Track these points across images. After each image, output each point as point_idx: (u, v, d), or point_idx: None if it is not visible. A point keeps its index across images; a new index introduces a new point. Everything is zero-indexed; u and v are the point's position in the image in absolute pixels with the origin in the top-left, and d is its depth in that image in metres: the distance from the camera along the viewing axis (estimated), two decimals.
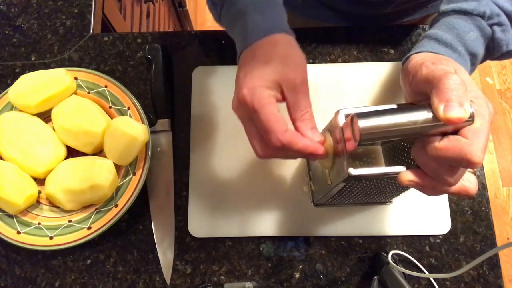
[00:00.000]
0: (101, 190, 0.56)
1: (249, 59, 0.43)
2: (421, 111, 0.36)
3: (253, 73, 0.41)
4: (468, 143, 0.34)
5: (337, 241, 0.59)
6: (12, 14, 0.72)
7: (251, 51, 0.43)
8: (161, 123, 0.63)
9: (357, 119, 0.37)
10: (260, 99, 0.40)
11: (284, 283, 0.57)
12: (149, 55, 0.65)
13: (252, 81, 0.41)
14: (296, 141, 0.40)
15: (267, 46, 0.43)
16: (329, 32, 0.68)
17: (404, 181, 0.38)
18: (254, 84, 0.40)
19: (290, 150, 0.40)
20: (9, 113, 0.60)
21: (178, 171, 0.62)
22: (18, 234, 0.57)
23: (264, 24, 0.44)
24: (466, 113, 0.34)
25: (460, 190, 0.38)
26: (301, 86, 0.42)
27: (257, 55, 0.42)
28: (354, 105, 0.64)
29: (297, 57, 0.44)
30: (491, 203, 0.60)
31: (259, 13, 0.44)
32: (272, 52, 0.42)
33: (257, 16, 0.44)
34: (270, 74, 0.41)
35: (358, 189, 0.47)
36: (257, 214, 0.59)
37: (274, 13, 0.46)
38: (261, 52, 0.43)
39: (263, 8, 0.45)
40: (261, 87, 0.41)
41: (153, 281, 0.58)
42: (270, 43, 0.43)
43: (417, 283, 0.57)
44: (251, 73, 0.41)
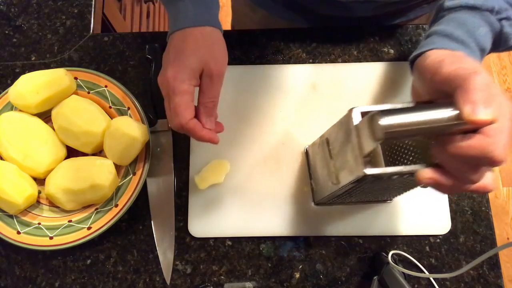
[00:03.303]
0: (101, 190, 0.56)
1: (179, 44, 0.47)
2: (443, 109, 0.35)
3: (180, 59, 0.46)
4: (491, 141, 0.34)
5: (337, 241, 0.59)
6: (12, 14, 0.72)
7: (182, 36, 0.47)
8: (161, 123, 0.63)
9: (380, 117, 0.36)
10: (179, 86, 0.46)
11: (284, 283, 0.57)
12: (149, 55, 0.65)
13: (179, 68, 0.46)
14: (196, 130, 0.47)
15: (196, 36, 0.47)
16: (329, 32, 0.68)
17: (423, 179, 0.38)
18: (178, 71, 0.46)
19: (191, 135, 0.48)
20: (9, 113, 0.60)
21: (178, 171, 0.62)
22: (18, 234, 0.57)
23: (197, 15, 0.48)
24: (491, 115, 0.34)
25: (478, 188, 0.38)
26: (216, 78, 0.48)
27: (187, 42, 0.47)
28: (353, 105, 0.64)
29: (221, 52, 0.49)
30: (491, 203, 0.60)
31: (195, 4, 0.48)
32: (200, 43, 0.47)
33: (192, 6, 0.48)
34: (195, 62, 0.46)
35: (366, 188, 0.47)
36: (257, 214, 0.59)
37: (209, 6, 0.50)
38: (190, 40, 0.47)
39: (198, 1, 0.49)
40: (183, 76, 0.46)
41: (153, 281, 0.58)
42: (200, 34, 0.47)
43: (417, 283, 0.57)
44: (178, 59, 0.46)
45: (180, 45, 0.47)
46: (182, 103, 0.46)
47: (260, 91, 0.64)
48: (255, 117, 0.63)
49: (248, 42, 0.67)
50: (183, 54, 0.46)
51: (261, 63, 0.66)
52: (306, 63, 0.67)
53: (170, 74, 0.46)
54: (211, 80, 0.47)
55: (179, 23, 0.48)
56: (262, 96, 0.64)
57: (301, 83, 0.64)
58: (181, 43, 0.47)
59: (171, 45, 0.48)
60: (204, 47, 0.47)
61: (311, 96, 0.64)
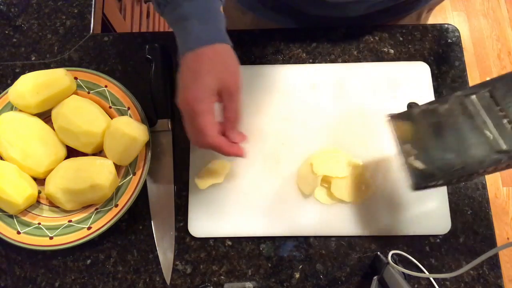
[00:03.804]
0: (101, 190, 0.56)
1: (193, 64, 0.48)
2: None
3: (198, 80, 0.47)
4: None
5: (337, 241, 0.59)
6: (12, 14, 0.72)
7: (195, 56, 0.48)
8: (161, 123, 0.63)
9: None
10: (201, 106, 0.47)
11: (284, 283, 0.57)
12: (149, 55, 0.65)
13: (197, 89, 0.47)
14: (222, 146, 0.49)
15: (209, 55, 0.48)
16: (329, 32, 0.68)
17: None
18: (198, 92, 0.47)
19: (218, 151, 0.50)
20: (9, 113, 0.60)
21: (178, 171, 0.62)
22: (18, 234, 0.57)
23: (206, 34, 0.48)
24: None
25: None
26: (235, 92, 0.49)
27: (201, 62, 0.48)
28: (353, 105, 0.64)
29: (234, 66, 0.50)
30: (491, 203, 0.60)
31: (203, 22, 0.48)
32: (214, 61, 0.48)
33: (200, 25, 0.48)
34: (212, 81, 0.47)
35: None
36: (257, 214, 0.59)
37: (216, 23, 0.50)
38: (204, 59, 0.48)
39: (206, 17, 0.49)
40: (203, 96, 0.47)
41: (153, 281, 0.58)
42: (212, 52, 0.48)
43: (417, 283, 0.57)
44: (195, 80, 0.47)
45: (195, 66, 0.48)
46: (206, 123, 0.47)
47: (260, 91, 0.64)
48: (255, 117, 0.63)
49: (248, 42, 0.67)
50: (199, 74, 0.47)
51: (261, 63, 0.66)
52: (306, 63, 0.67)
53: (190, 95, 0.47)
54: (230, 95, 0.49)
55: (189, 43, 0.48)
56: (262, 96, 0.64)
57: (301, 83, 0.64)
58: (195, 64, 0.48)
59: (185, 67, 0.48)
60: (218, 65, 0.48)
61: (311, 96, 0.64)
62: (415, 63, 0.66)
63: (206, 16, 0.49)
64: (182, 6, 0.48)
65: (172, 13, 0.49)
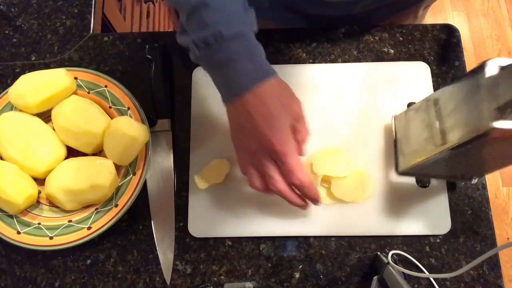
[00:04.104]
0: (101, 190, 0.56)
1: (260, 107, 0.46)
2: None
3: (275, 123, 0.47)
4: None
5: (337, 241, 0.59)
6: (12, 14, 0.72)
7: (256, 98, 0.46)
8: (161, 123, 0.63)
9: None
10: (289, 148, 0.47)
11: (284, 283, 0.57)
12: (149, 55, 0.65)
13: (280, 132, 0.47)
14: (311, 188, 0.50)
15: (270, 92, 0.47)
16: (329, 32, 0.68)
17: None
18: (282, 135, 0.47)
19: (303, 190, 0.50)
20: (9, 113, 0.60)
21: (178, 171, 0.62)
22: (18, 234, 0.57)
23: (258, 71, 0.47)
24: None
25: None
26: (302, 117, 0.51)
27: (268, 103, 0.46)
28: (353, 105, 0.64)
29: (292, 93, 0.50)
30: (491, 203, 0.60)
31: (251, 60, 0.47)
32: (278, 98, 0.47)
33: (250, 63, 0.46)
34: (286, 118, 0.48)
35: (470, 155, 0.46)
36: (257, 214, 0.59)
37: (261, 56, 0.48)
38: (268, 99, 0.47)
39: (253, 54, 0.47)
40: (287, 137, 0.47)
41: (153, 281, 0.58)
42: (272, 88, 0.47)
43: (417, 283, 0.57)
44: (272, 123, 0.46)
45: (262, 109, 0.46)
46: (296, 162, 0.48)
47: None
48: None
49: None
50: (273, 117, 0.47)
51: None
52: (306, 63, 0.67)
53: (274, 139, 0.46)
54: (300, 120, 0.50)
55: (242, 84, 0.46)
56: None
57: (301, 83, 0.64)
58: (261, 106, 0.46)
59: (249, 110, 0.47)
60: (283, 98, 0.48)
61: (311, 96, 0.64)
62: (415, 63, 0.66)
63: (253, 52, 0.47)
64: (227, 48, 0.45)
65: (213, 56, 0.46)
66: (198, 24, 0.45)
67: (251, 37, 0.47)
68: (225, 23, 0.45)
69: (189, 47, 0.48)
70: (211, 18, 0.45)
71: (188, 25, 0.47)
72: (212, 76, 0.50)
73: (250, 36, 0.47)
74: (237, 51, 0.46)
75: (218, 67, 0.47)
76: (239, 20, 0.46)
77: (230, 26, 0.45)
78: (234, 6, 0.47)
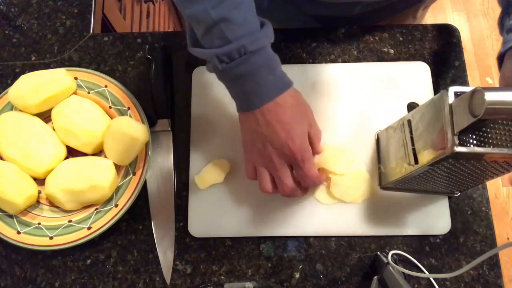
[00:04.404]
0: (101, 190, 0.56)
1: (281, 116, 0.49)
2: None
3: (296, 131, 0.50)
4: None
5: (337, 241, 0.59)
6: (12, 14, 0.72)
7: (278, 107, 0.49)
8: (161, 123, 0.63)
9: (485, 92, 0.38)
10: (308, 155, 0.51)
11: (284, 283, 0.57)
12: (149, 55, 0.65)
13: (299, 139, 0.50)
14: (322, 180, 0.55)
15: (291, 103, 0.50)
16: (329, 32, 0.68)
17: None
18: (303, 144, 0.50)
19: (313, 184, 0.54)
20: (9, 113, 0.60)
21: (178, 171, 0.62)
22: (18, 234, 0.57)
23: (278, 82, 0.50)
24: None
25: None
26: (316, 125, 0.55)
27: (287, 112, 0.50)
28: (353, 105, 0.64)
29: (304, 100, 0.53)
30: (491, 203, 0.60)
31: (272, 72, 0.49)
32: (297, 107, 0.51)
33: (270, 75, 0.49)
34: (306, 128, 0.52)
35: (442, 172, 0.49)
36: (257, 214, 0.59)
37: (280, 67, 0.51)
38: (288, 108, 0.50)
39: (273, 66, 0.50)
40: (306, 144, 0.51)
41: (153, 281, 0.58)
42: (291, 98, 0.50)
43: (417, 283, 0.57)
44: (292, 131, 0.50)
45: (283, 118, 0.49)
46: (313, 166, 0.52)
47: None
48: None
49: None
50: (292, 125, 0.50)
51: None
52: (306, 63, 0.67)
53: (296, 147, 0.50)
54: (313, 127, 0.54)
55: (264, 95, 0.49)
56: None
57: (301, 83, 0.64)
58: (282, 115, 0.49)
59: (269, 119, 0.49)
60: (299, 106, 0.51)
61: (311, 96, 0.64)
62: (415, 63, 0.66)
63: (272, 65, 0.49)
64: (250, 61, 0.47)
65: (235, 69, 0.47)
66: (220, 39, 0.46)
67: (269, 50, 0.49)
68: (247, 38, 0.46)
69: (209, 60, 0.49)
70: (234, 34, 0.46)
71: (205, 39, 0.48)
72: (231, 88, 0.51)
73: (269, 48, 0.49)
74: (259, 64, 0.48)
75: (239, 79, 0.49)
76: (261, 34, 0.47)
77: (253, 41, 0.46)
78: (253, 20, 0.48)
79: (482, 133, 0.44)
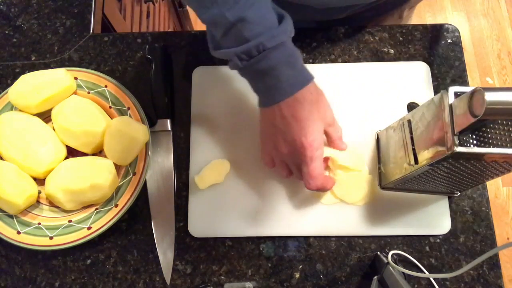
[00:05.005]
0: (101, 190, 0.56)
1: (299, 112, 0.49)
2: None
3: (310, 127, 0.50)
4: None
5: (337, 241, 0.59)
6: (12, 14, 0.72)
7: (296, 103, 0.49)
8: (161, 123, 0.63)
9: (485, 92, 0.38)
10: (318, 154, 0.51)
11: (284, 283, 0.57)
12: (149, 55, 0.65)
13: (312, 136, 0.50)
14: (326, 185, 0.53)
15: (308, 98, 0.50)
16: (329, 32, 0.68)
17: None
18: (313, 139, 0.50)
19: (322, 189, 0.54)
20: (9, 113, 0.60)
21: (178, 171, 0.62)
22: (18, 234, 0.57)
23: (298, 77, 0.49)
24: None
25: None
26: (335, 122, 0.55)
27: (304, 108, 0.49)
28: (353, 104, 0.64)
29: (326, 100, 0.53)
30: (491, 203, 0.60)
31: (292, 67, 0.49)
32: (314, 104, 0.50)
33: (290, 70, 0.48)
34: (322, 126, 0.52)
35: (441, 173, 0.49)
36: (257, 214, 0.59)
37: (300, 62, 0.50)
38: (306, 105, 0.49)
39: (293, 61, 0.49)
40: (318, 143, 0.51)
41: (153, 281, 0.58)
42: (310, 94, 0.50)
43: (417, 283, 0.57)
44: (307, 127, 0.50)
45: (299, 113, 0.49)
46: (320, 167, 0.51)
47: None
48: (255, 117, 0.63)
49: None
50: (307, 121, 0.50)
51: None
52: (306, 63, 0.67)
53: (307, 143, 0.50)
54: (332, 125, 0.54)
55: (284, 91, 0.49)
56: None
57: None
58: (298, 111, 0.49)
59: (286, 114, 0.50)
60: (319, 104, 0.51)
61: None
62: (415, 63, 0.66)
63: (292, 60, 0.49)
64: (269, 57, 0.47)
65: (255, 66, 0.48)
66: (238, 39, 0.47)
67: (289, 45, 0.49)
68: (265, 35, 0.46)
69: (230, 59, 0.49)
70: (252, 32, 0.46)
71: (225, 40, 0.48)
72: (253, 84, 0.52)
73: (288, 43, 0.49)
74: (278, 60, 0.48)
75: (260, 75, 0.49)
76: (278, 30, 0.47)
77: (271, 38, 0.46)
78: (270, 16, 0.48)
79: (482, 133, 0.44)
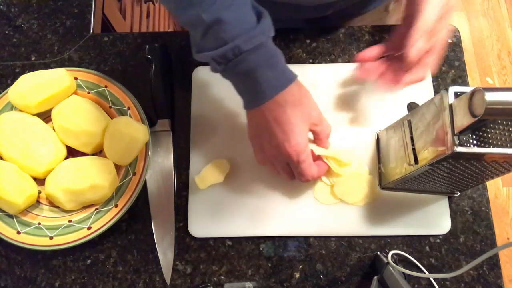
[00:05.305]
0: (101, 190, 0.56)
1: (280, 115, 0.49)
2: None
3: (294, 130, 0.49)
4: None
5: (337, 241, 0.59)
6: (12, 14, 0.72)
7: (277, 105, 0.49)
8: (161, 123, 0.63)
9: (485, 92, 0.38)
10: (305, 156, 0.51)
11: (284, 283, 0.57)
12: (149, 55, 0.65)
13: (295, 138, 0.49)
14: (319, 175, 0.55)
15: (291, 101, 0.49)
16: (329, 32, 0.68)
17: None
18: (298, 141, 0.49)
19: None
20: (9, 113, 0.60)
21: (178, 171, 0.62)
22: (18, 234, 0.57)
23: (279, 79, 0.48)
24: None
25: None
26: (321, 121, 0.54)
27: (287, 111, 0.49)
28: (352, 104, 0.64)
29: (311, 99, 0.52)
30: (491, 203, 0.60)
31: (272, 69, 0.48)
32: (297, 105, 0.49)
33: (271, 72, 0.47)
34: (305, 125, 0.51)
35: (441, 173, 0.49)
36: (257, 214, 0.59)
37: (281, 62, 0.49)
38: (288, 107, 0.49)
39: (273, 62, 0.48)
40: (303, 144, 0.50)
41: (153, 281, 0.58)
42: (291, 96, 0.49)
43: (417, 283, 0.57)
44: (290, 130, 0.49)
45: (281, 117, 0.49)
46: (308, 167, 0.52)
47: None
48: None
49: None
50: (290, 124, 0.49)
51: None
52: (306, 63, 0.67)
53: (292, 148, 0.50)
54: (319, 125, 0.53)
55: (264, 94, 0.48)
56: None
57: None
58: (281, 114, 0.49)
59: (268, 117, 0.49)
60: (302, 105, 0.50)
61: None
62: None
63: (272, 61, 0.48)
64: (247, 60, 0.46)
65: (234, 69, 0.47)
66: (215, 41, 0.46)
67: (269, 45, 0.48)
68: (242, 37, 0.45)
69: (209, 63, 0.48)
70: (228, 34, 0.45)
71: (203, 43, 0.47)
72: (235, 85, 0.51)
73: (268, 44, 0.48)
74: (257, 62, 0.46)
75: (240, 78, 0.49)
76: (256, 31, 0.46)
77: (247, 40, 0.45)
78: (248, 16, 0.47)
79: (482, 133, 0.44)
